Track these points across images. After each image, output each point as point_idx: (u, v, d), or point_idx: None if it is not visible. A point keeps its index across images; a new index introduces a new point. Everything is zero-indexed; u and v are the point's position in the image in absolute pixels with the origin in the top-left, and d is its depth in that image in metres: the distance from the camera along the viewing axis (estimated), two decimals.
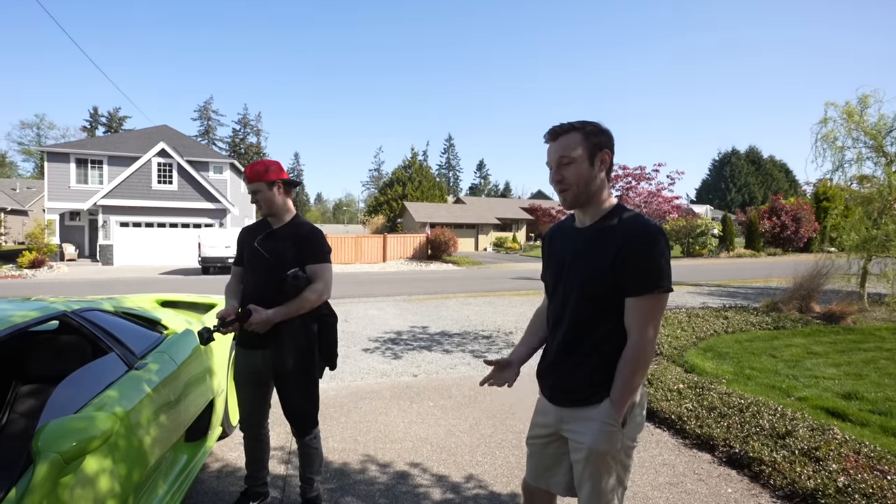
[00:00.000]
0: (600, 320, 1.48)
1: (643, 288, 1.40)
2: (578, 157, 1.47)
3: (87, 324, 2.16)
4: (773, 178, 65.94)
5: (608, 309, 1.46)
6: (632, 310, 1.43)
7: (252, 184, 2.32)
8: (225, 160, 26.27)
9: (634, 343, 1.43)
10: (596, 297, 1.46)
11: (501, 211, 39.77)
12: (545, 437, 1.65)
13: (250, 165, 2.34)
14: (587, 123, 1.50)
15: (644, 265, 1.40)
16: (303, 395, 2.32)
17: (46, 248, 20.19)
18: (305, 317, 2.27)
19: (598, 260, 1.45)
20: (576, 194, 1.49)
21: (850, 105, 7.63)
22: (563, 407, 1.56)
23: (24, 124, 58.22)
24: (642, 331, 1.42)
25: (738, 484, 2.77)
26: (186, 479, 2.37)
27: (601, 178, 1.50)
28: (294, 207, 2.45)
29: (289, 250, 2.30)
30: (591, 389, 1.49)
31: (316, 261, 2.31)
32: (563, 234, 1.63)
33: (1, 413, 2.27)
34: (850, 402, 3.90)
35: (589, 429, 1.49)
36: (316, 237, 2.35)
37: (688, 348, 5.59)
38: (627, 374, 1.44)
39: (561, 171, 1.49)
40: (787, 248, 29.10)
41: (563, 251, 1.58)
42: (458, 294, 11.57)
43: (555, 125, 1.52)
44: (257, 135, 69.05)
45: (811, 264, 8.00)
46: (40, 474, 1.29)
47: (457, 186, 78.09)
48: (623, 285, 1.42)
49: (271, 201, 2.34)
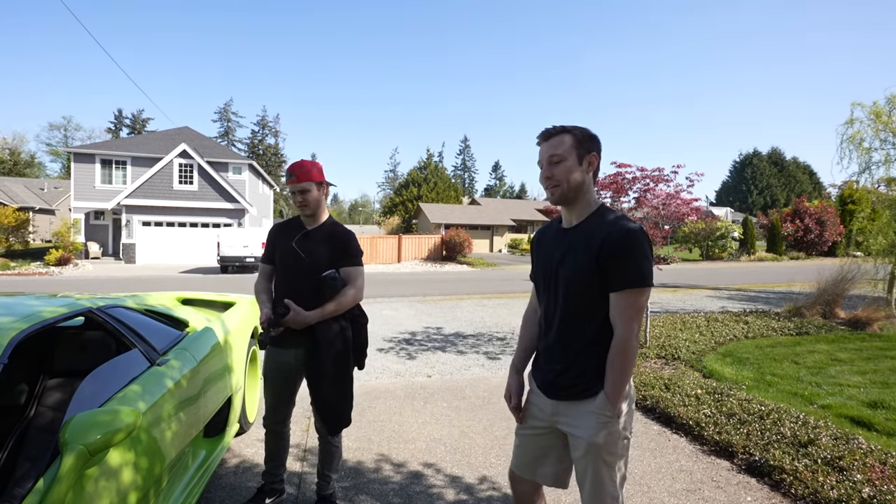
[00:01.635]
0: (590, 316, 1.55)
1: (625, 283, 1.49)
2: (568, 156, 1.56)
3: (111, 320, 2.22)
4: (796, 180, 64.36)
5: (596, 305, 1.54)
6: (615, 304, 1.51)
7: (301, 183, 2.30)
8: (244, 161, 26.70)
9: (620, 336, 1.51)
10: (583, 293, 1.55)
11: (516, 212, 39.60)
12: (539, 428, 1.69)
13: (298, 164, 2.32)
14: (578, 127, 1.60)
15: (626, 261, 1.48)
16: (340, 394, 2.34)
17: (72, 246, 20.78)
18: (340, 318, 2.31)
19: (584, 258, 1.53)
20: (564, 191, 1.58)
21: (878, 105, 7.41)
22: (558, 400, 1.62)
23: (52, 126, 60.08)
24: (627, 324, 1.49)
25: (757, 492, 2.71)
26: (205, 474, 2.41)
27: (588, 179, 1.60)
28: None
29: (325, 252, 2.32)
30: (586, 383, 1.56)
31: (350, 263, 2.35)
32: (551, 235, 1.72)
33: (29, 405, 2.35)
34: (876, 410, 3.79)
35: (586, 422, 1.55)
36: (350, 240, 2.38)
37: (706, 353, 5.49)
38: (617, 366, 1.51)
39: (551, 168, 1.58)
40: (811, 252, 28.36)
41: (551, 251, 1.67)
42: (473, 295, 11.56)
43: (547, 127, 1.62)
44: (275, 136, 69.99)
45: (836, 269, 7.78)
46: (67, 465, 1.32)
47: (472, 188, 78.03)
48: (607, 281, 1.50)
49: (318, 201, 2.36)
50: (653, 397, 3.96)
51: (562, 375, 1.60)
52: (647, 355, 5.42)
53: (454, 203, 43.98)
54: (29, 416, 2.31)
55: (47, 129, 62.13)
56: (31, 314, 1.82)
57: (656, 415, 3.78)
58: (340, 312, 2.29)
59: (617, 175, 5.74)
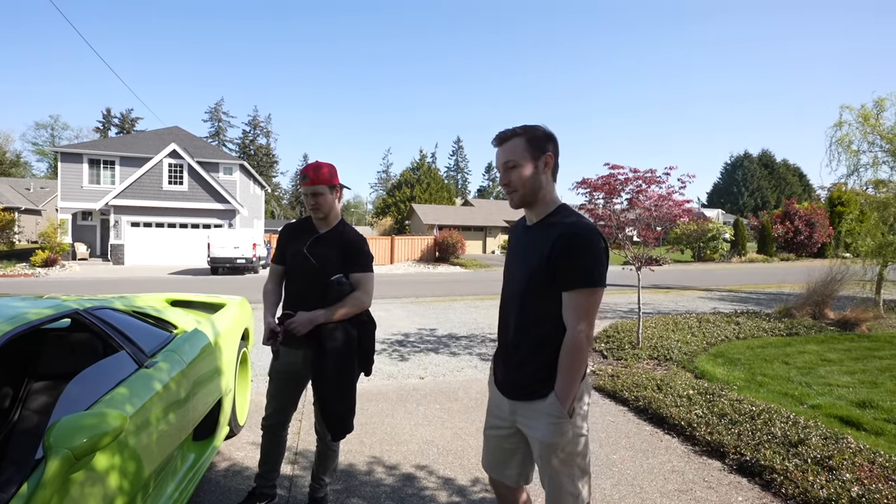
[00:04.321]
0: (543, 315, 1.55)
1: (575, 283, 1.48)
2: (523, 160, 1.55)
3: (98, 322, 2.18)
4: (786, 182, 65.13)
5: (549, 304, 1.53)
6: (567, 304, 1.51)
7: (314, 186, 2.26)
8: (235, 161, 26.52)
9: (570, 336, 1.50)
10: (536, 291, 1.55)
11: (510, 213, 39.65)
12: (503, 429, 1.70)
13: (312, 166, 2.29)
14: (530, 128, 1.58)
15: (576, 261, 1.47)
16: (341, 398, 2.31)
17: (59, 247, 20.50)
18: (347, 323, 2.27)
19: (537, 255, 1.54)
20: (522, 195, 1.58)
21: (866, 108, 7.52)
22: (514, 400, 1.63)
23: (39, 125, 59.25)
24: (577, 324, 1.48)
25: (748, 492, 2.72)
26: (194, 478, 2.38)
27: (545, 178, 1.59)
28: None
29: (335, 256, 2.30)
30: (538, 383, 1.56)
31: (360, 269, 2.32)
32: (517, 232, 1.73)
33: (14, 409, 2.30)
34: (864, 410, 3.83)
35: (539, 423, 1.56)
36: (362, 246, 2.35)
37: (698, 354, 5.53)
38: (567, 366, 1.51)
39: (508, 174, 1.57)
40: (801, 254, 28.74)
41: (514, 248, 1.70)
42: (466, 296, 11.55)
43: (500, 131, 1.60)
44: (267, 136, 69.63)
45: (825, 270, 7.88)
46: (51, 470, 1.30)
47: (465, 189, 78.08)
48: (558, 280, 1.50)
49: (331, 205, 2.33)
50: (645, 398, 3.98)
51: (516, 375, 1.62)
52: (640, 356, 5.44)
53: (447, 204, 43.99)
54: (13, 420, 2.26)
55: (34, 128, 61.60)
56: (15, 316, 1.78)
57: (648, 415, 3.80)
58: (349, 317, 2.26)
59: (609, 176, 5.77)
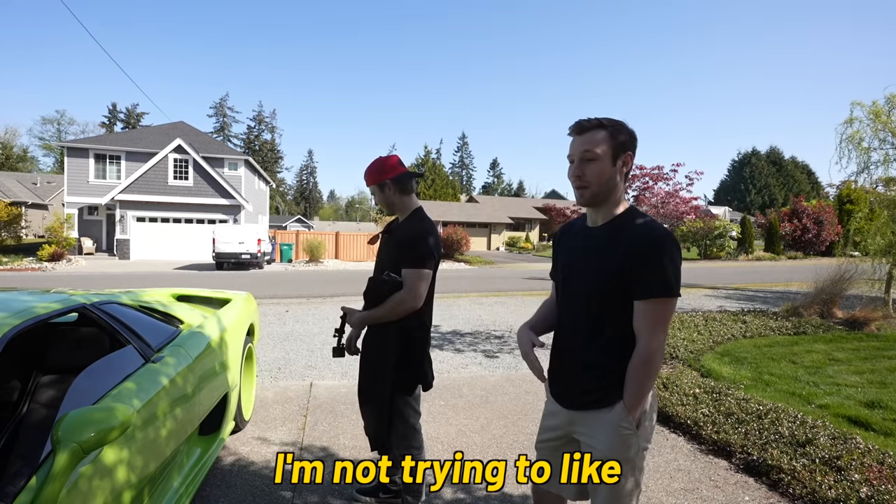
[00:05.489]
0: (610, 322, 1.45)
1: (651, 292, 1.39)
2: (602, 155, 1.43)
3: (105, 316, 2.19)
4: (794, 179, 64.61)
5: (617, 311, 1.44)
6: (641, 313, 1.42)
7: (369, 188, 2.30)
8: (240, 157, 26.57)
9: (643, 347, 1.41)
10: (604, 297, 1.44)
11: (514, 210, 39.61)
12: (556, 440, 1.61)
13: (367, 167, 2.28)
14: (615, 122, 1.46)
15: (653, 269, 1.38)
16: (370, 411, 2.23)
17: (65, 241, 20.62)
18: (388, 328, 2.14)
19: (607, 261, 1.43)
20: (594, 193, 1.46)
21: (878, 105, 7.42)
22: (573, 410, 1.54)
23: (45, 120, 59.62)
24: (651, 335, 1.40)
25: (755, 492, 2.70)
26: (200, 472, 2.39)
27: (619, 178, 1.48)
28: (416, 201, 2.31)
29: (391, 251, 2.22)
30: (603, 392, 1.47)
31: (407, 265, 2.13)
32: (574, 233, 1.61)
33: (22, 402, 2.31)
34: (873, 410, 3.79)
35: (603, 433, 1.47)
36: (412, 239, 2.15)
37: (704, 352, 5.49)
38: (639, 378, 1.42)
39: (583, 166, 1.45)
40: (809, 252, 28.51)
41: (573, 250, 1.57)
42: (470, 293, 11.54)
43: (582, 119, 1.47)
44: (272, 132, 69.80)
45: (833, 268, 7.80)
46: (60, 463, 1.30)
47: (470, 185, 77.98)
48: (631, 288, 1.41)
49: (383, 202, 2.28)
50: None
51: (578, 384, 1.51)
52: None
53: (452, 200, 43.94)
54: (21, 413, 2.27)
55: (40, 123, 61.84)
56: (24, 310, 1.79)
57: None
58: (390, 319, 2.12)
59: None
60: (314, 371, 5.03)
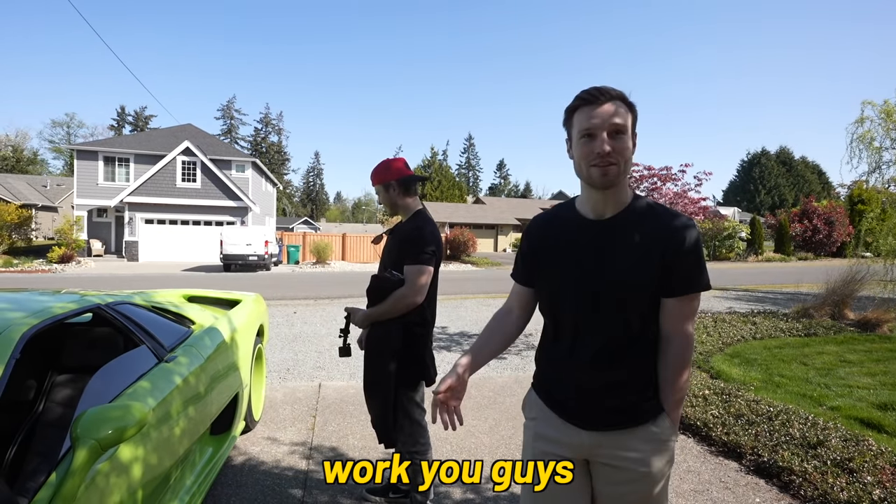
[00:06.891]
0: (639, 326, 1.29)
1: (691, 286, 1.28)
2: (628, 128, 1.25)
3: (119, 317, 2.22)
4: (805, 179, 63.93)
5: (645, 312, 1.29)
6: (677, 311, 1.29)
7: (375, 188, 2.38)
8: (247, 159, 26.75)
9: (682, 346, 1.30)
10: (633, 298, 1.28)
11: (521, 211, 39.56)
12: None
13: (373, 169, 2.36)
14: (624, 95, 1.29)
15: (692, 262, 1.27)
16: (373, 407, 2.25)
17: (75, 243, 20.84)
18: (390, 323, 2.17)
19: (637, 258, 1.26)
20: (619, 172, 1.24)
21: (889, 104, 7.33)
22: (601, 431, 1.32)
23: (55, 123, 60.16)
24: (688, 332, 1.31)
25: (766, 493, 2.69)
26: (212, 471, 2.41)
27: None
28: (418, 203, 2.37)
29: (393, 249, 2.28)
30: (643, 406, 1.31)
31: (409, 261, 2.17)
32: (567, 228, 1.36)
33: (38, 401, 2.35)
34: (886, 412, 3.75)
35: (646, 449, 1.30)
36: (414, 236, 2.20)
37: (714, 354, 5.46)
38: (680, 381, 1.31)
39: (613, 140, 1.22)
40: (819, 253, 28.23)
41: (574, 249, 1.33)
42: (478, 294, 11.54)
43: (598, 87, 1.26)
44: (279, 134, 70.18)
45: (845, 269, 7.72)
46: (79, 459, 1.32)
47: (476, 186, 77.94)
48: (667, 285, 1.27)
49: (387, 203, 2.37)
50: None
51: (609, 399, 1.31)
52: None
53: (458, 202, 43.98)
54: (38, 412, 2.31)
55: (50, 126, 62.47)
56: (41, 310, 1.82)
57: None
58: (393, 315, 2.16)
59: None
60: (323, 372, 5.05)
